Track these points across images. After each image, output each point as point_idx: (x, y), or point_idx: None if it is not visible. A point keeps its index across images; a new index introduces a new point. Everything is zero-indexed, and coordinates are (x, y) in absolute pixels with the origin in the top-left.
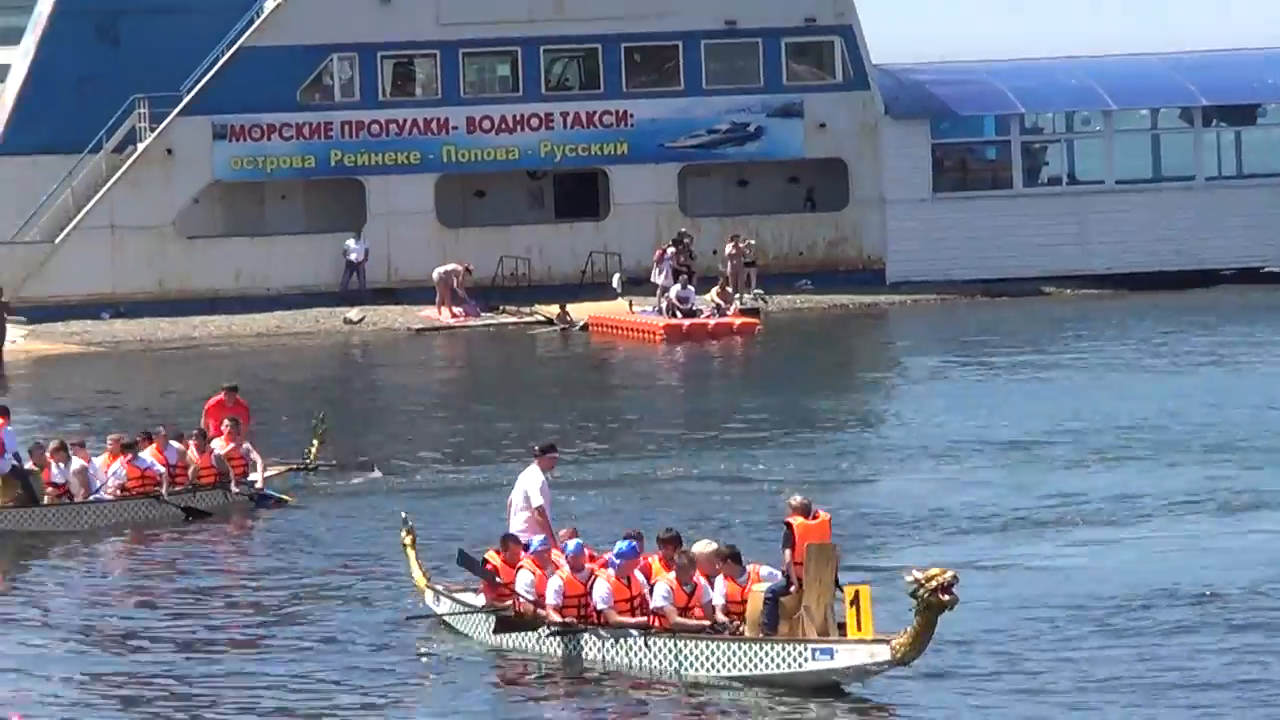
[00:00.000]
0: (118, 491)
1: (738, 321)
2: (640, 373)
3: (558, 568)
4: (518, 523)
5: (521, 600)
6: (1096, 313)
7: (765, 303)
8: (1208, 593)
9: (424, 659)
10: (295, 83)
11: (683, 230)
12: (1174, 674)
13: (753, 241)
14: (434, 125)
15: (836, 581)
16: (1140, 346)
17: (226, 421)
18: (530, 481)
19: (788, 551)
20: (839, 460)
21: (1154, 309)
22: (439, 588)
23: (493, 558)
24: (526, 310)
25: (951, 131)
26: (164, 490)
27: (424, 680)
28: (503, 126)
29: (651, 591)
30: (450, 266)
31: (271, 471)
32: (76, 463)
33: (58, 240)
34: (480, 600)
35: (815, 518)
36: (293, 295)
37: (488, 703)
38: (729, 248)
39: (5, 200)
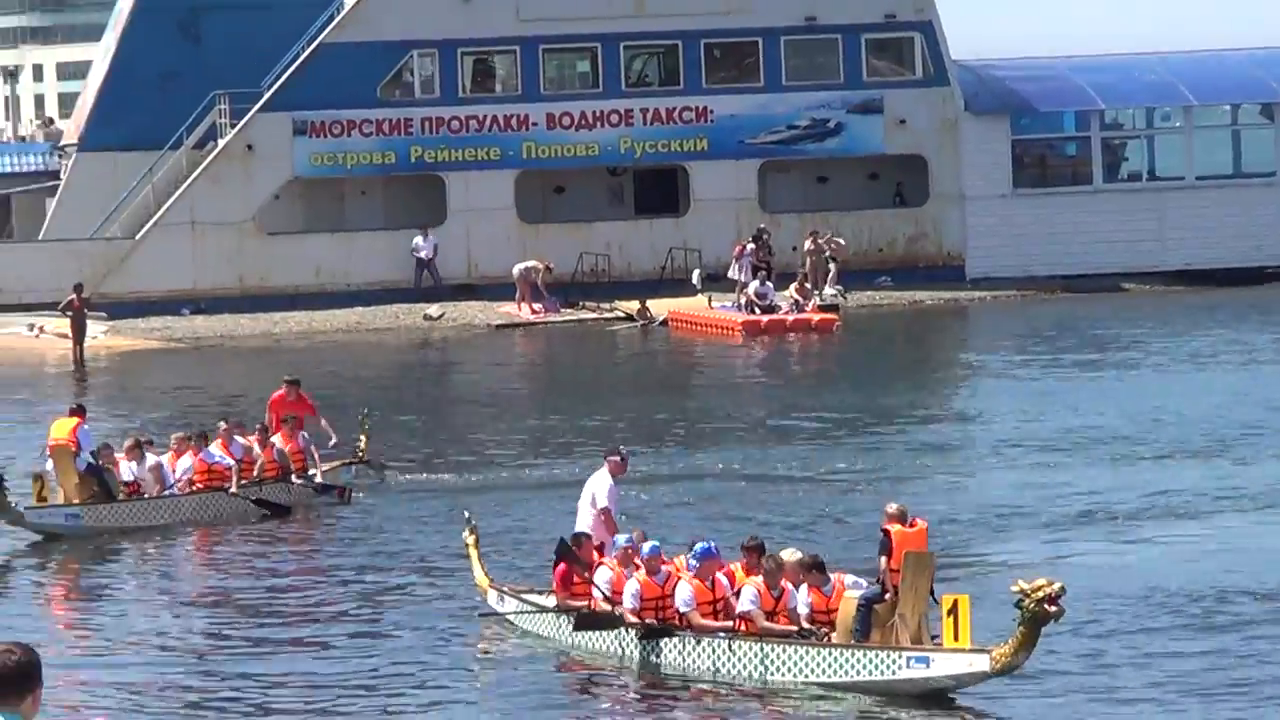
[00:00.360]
0: (187, 487)
1: (816, 318)
2: (719, 369)
3: (637, 569)
4: (583, 525)
5: (597, 599)
6: (1176, 309)
7: (844, 299)
8: None
9: (491, 658)
10: (375, 79)
11: (761, 226)
12: (1258, 670)
13: (841, 241)
14: (514, 121)
15: (932, 591)
16: (1219, 342)
17: (286, 420)
18: (599, 484)
19: (884, 559)
20: (917, 457)
21: (1233, 305)
22: (503, 588)
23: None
24: (606, 306)
25: (1031, 127)
26: (232, 484)
27: (491, 680)
28: (583, 123)
29: (737, 595)
30: (530, 263)
31: (325, 467)
32: (151, 459)
33: (138, 236)
34: (548, 600)
35: (913, 525)
36: (372, 291)
37: (560, 704)
38: (808, 243)
39: (86, 197)
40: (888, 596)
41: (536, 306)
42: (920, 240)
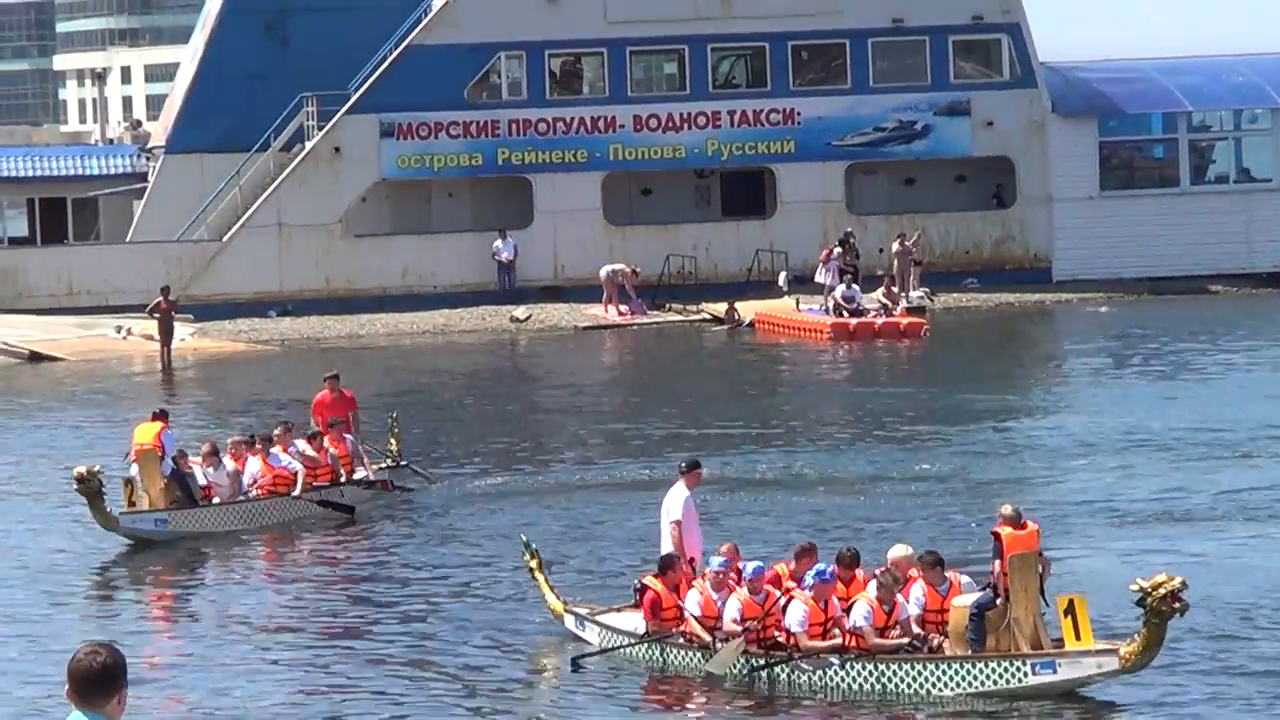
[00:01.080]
0: (259, 491)
1: (904, 321)
2: (807, 371)
3: (732, 590)
4: (666, 542)
5: (692, 625)
6: (1263, 311)
7: (931, 301)
8: None
9: (574, 676)
10: (463, 81)
11: (848, 230)
12: None
13: (919, 233)
14: (601, 124)
15: (1043, 591)
16: None
17: (333, 424)
18: (674, 500)
19: (997, 562)
20: (1006, 459)
21: None
22: (581, 611)
23: (652, 583)
24: (693, 308)
25: (1119, 129)
26: (297, 488)
27: (586, 702)
28: (669, 125)
29: (849, 612)
30: (618, 265)
31: (362, 473)
32: (229, 464)
33: (225, 238)
34: (630, 622)
35: (1024, 527)
36: (459, 293)
37: None
38: (895, 246)
39: (173, 199)
40: (999, 601)
41: (623, 308)
42: (1007, 242)
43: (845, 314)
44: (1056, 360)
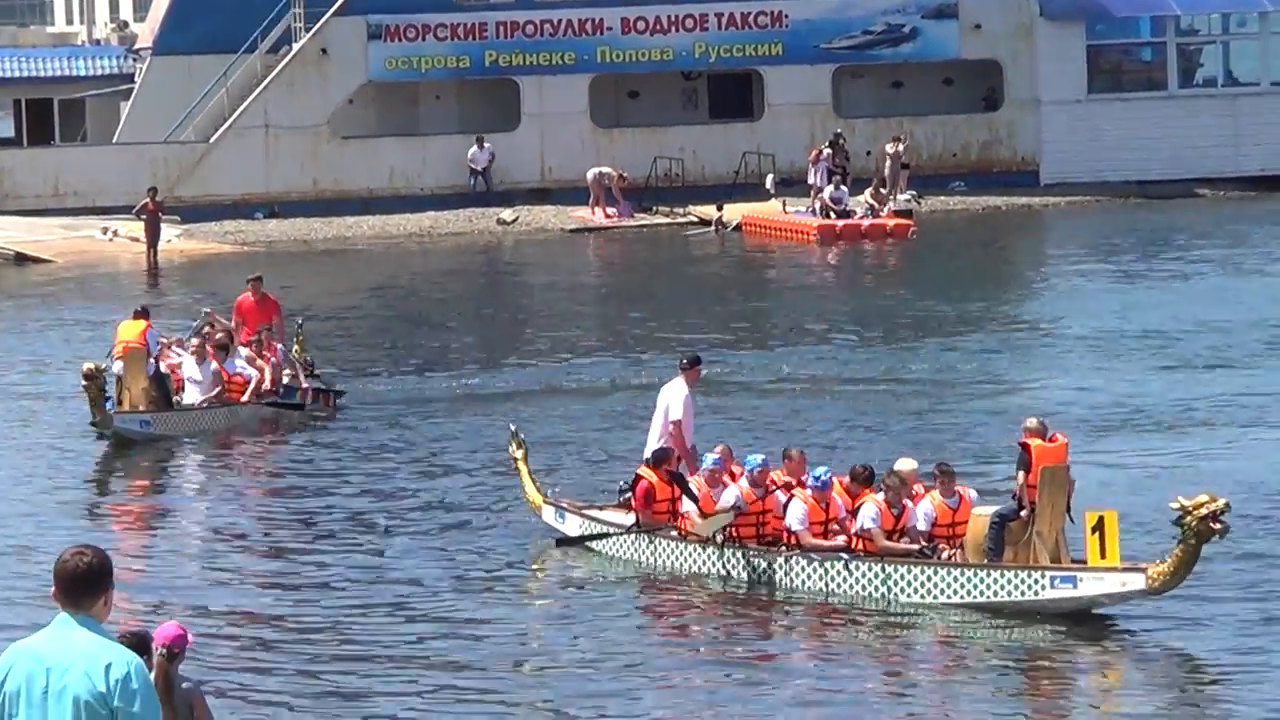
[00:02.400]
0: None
1: (891, 223)
2: (794, 274)
3: (726, 486)
4: (656, 437)
5: (692, 518)
6: (1250, 214)
7: (918, 204)
8: None
9: (565, 578)
10: None
11: (838, 131)
12: None
13: (905, 136)
14: (589, 26)
15: (1069, 508)
16: None
17: (260, 333)
18: (673, 395)
19: (1022, 474)
20: (992, 361)
21: None
22: (561, 503)
23: (646, 473)
24: (680, 211)
25: (1107, 33)
26: (247, 394)
27: (571, 604)
28: (657, 27)
29: (856, 514)
30: (604, 169)
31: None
32: (213, 365)
33: (212, 140)
34: (619, 517)
35: (1053, 440)
36: (446, 195)
37: (658, 630)
38: (889, 148)
39: (160, 100)
40: (1023, 514)
41: (610, 211)
42: (994, 146)
43: (832, 216)
44: (1043, 263)
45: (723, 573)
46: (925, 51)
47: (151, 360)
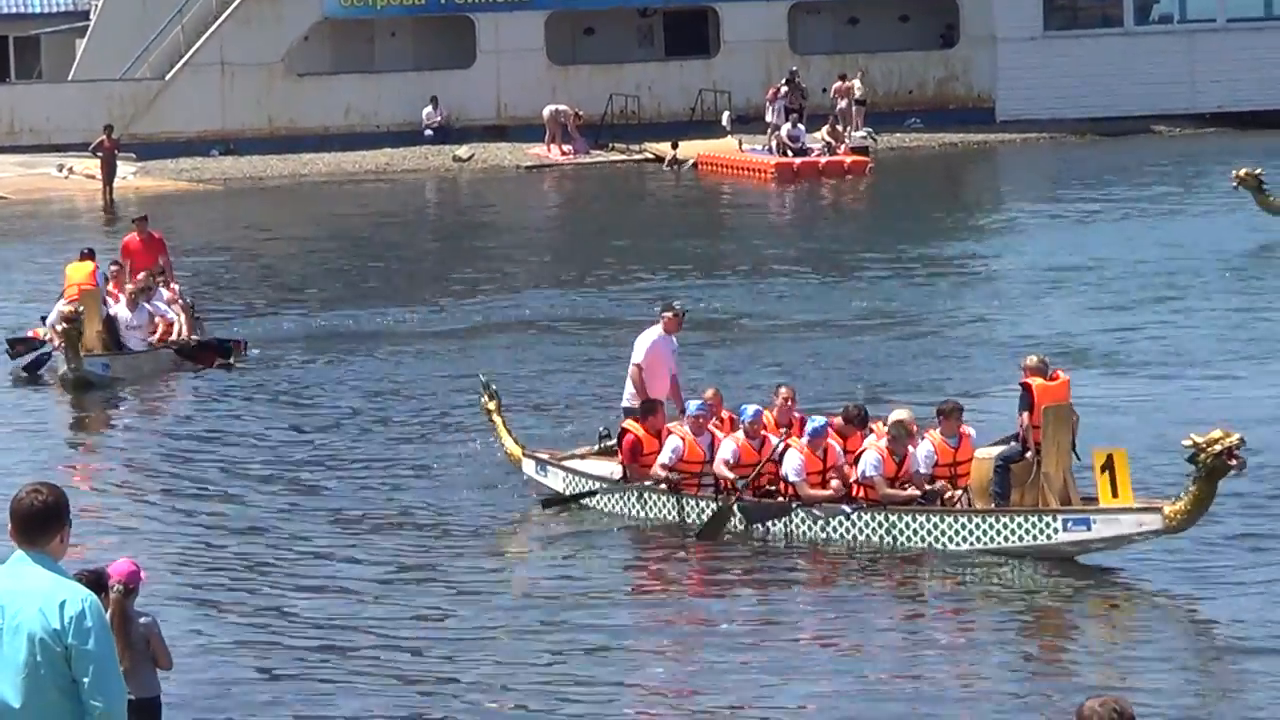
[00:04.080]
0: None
1: (848, 160)
2: (751, 211)
3: (715, 435)
4: (631, 388)
5: (665, 470)
6: (1206, 151)
7: (875, 142)
8: None
9: (547, 534)
10: None
11: (793, 69)
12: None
13: (860, 73)
14: None
15: (1074, 446)
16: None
17: (153, 275)
18: (644, 340)
19: (1025, 414)
20: (946, 299)
21: (1264, 148)
22: (541, 456)
23: (633, 426)
24: (636, 148)
25: None
26: (173, 336)
27: (551, 559)
28: None
29: (856, 461)
30: (561, 106)
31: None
32: (148, 308)
33: (168, 77)
34: (604, 468)
35: (1054, 378)
36: (402, 132)
37: (650, 585)
38: (837, 85)
39: (116, 37)
40: (1028, 455)
41: (566, 148)
42: (950, 83)
43: (789, 154)
44: (999, 200)
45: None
46: None
47: (104, 303)
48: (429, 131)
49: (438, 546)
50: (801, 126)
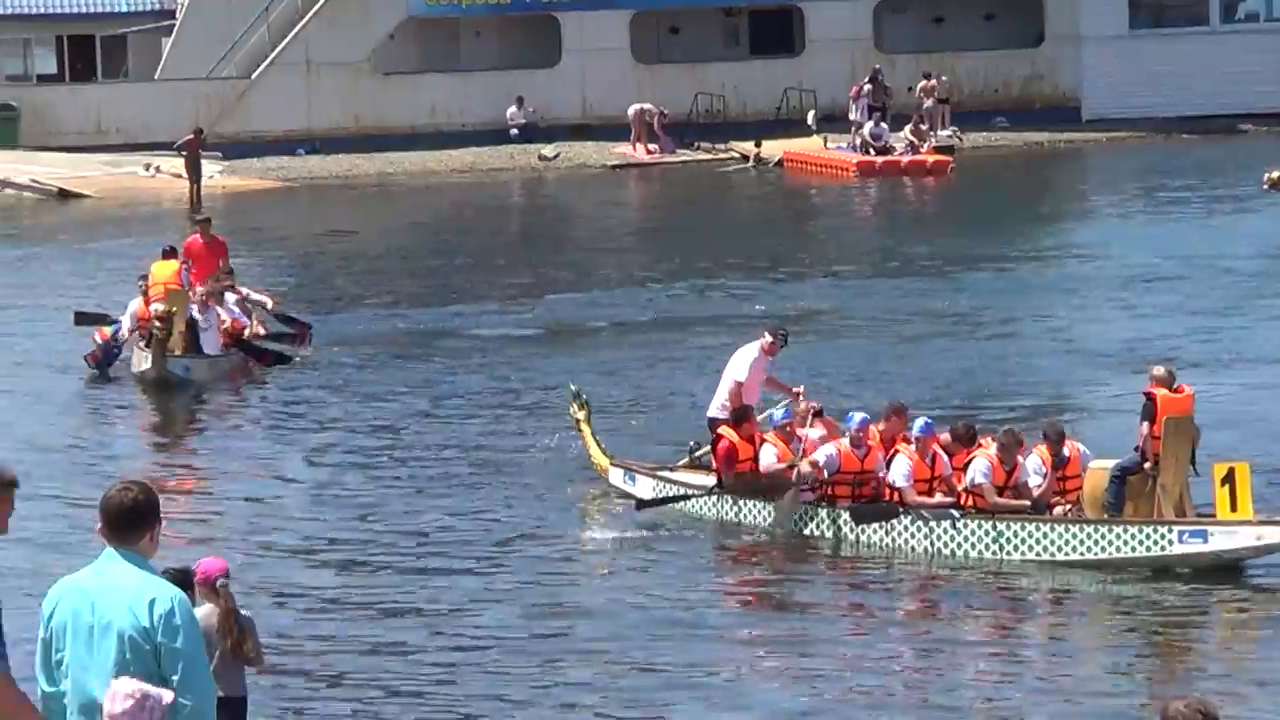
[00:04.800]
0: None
1: (931, 159)
2: (834, 210)
3: (806, 443)
4: (721, 399)
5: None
6: None
7: (960, 141)
8: None
9: (643, 538)
10: None
11: (877, 67)
12: None
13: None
14: None
15: (1194, 459)
16: None
17: (219, 277)
18: (743, 358)
19: (1146, 424)
20: (1029, 301)
21: None
22: (631, 465)
23: (728, 433)
24: (721, 147)
25: None
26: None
27: (652, 562)
28: None
29: (966, 468)
30: (646, 104)
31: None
32: (224, 313)
33: (254, 77)
34: (691, 478)
35: (1179, 391)
36: (487, 131)
37: (753, 593)
38: (922, 84)
39: (202, 36)
40: (1146, 466)
41: (651, 147)
42: (1036, 81)
43: (872, 152)
44: (1085, 200)
45: (817, 533)
46: None
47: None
48: (514, 131)
49: (530, 554)
50: (884, 125)
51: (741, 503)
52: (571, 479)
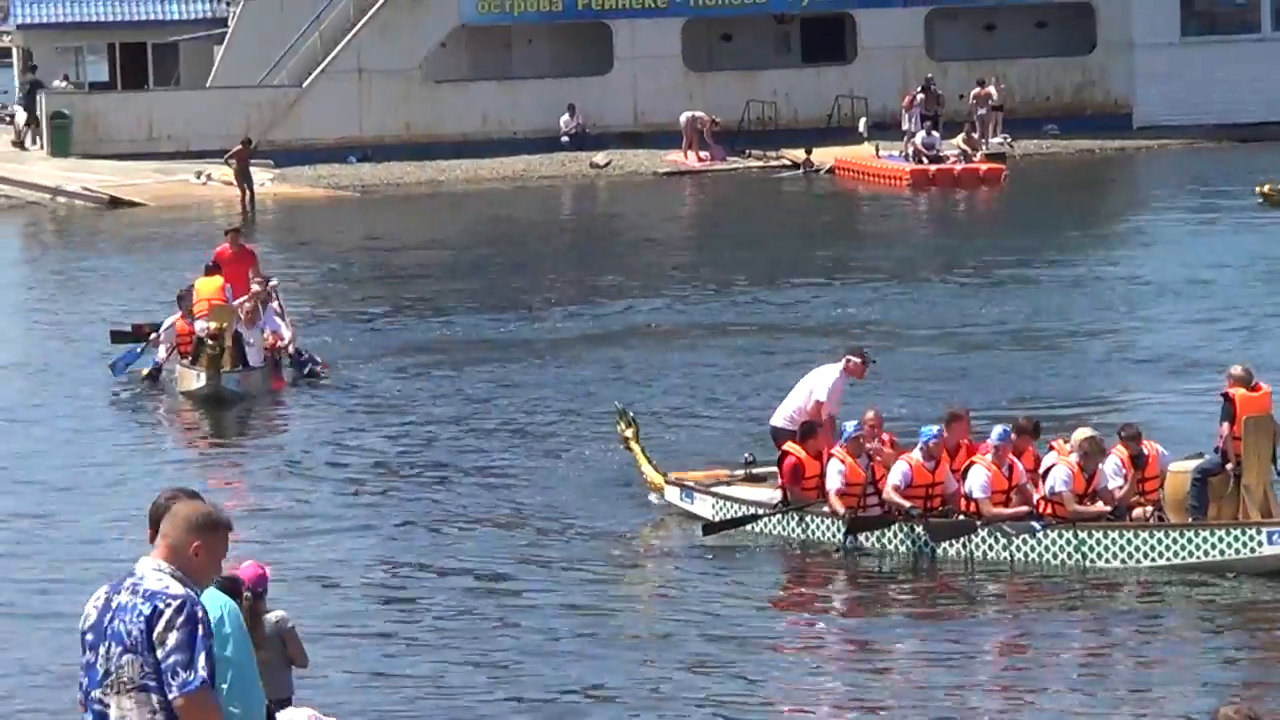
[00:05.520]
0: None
1: (984, 167)
2: (886, 218)
3: (875, 460)
4: (789, 411)
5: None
6: None
7: (1011, 148)
8: None
9: (695, 553)
10: None
11: (929, 76)
12: None
13: (996, 81)
14: None
15: (1275, 457)
16: None
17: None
18: (824, 378)
19: (1226, 425)
20: (1083, 308)
21: None
22: (688, 482)
23: (794, 449)
24: (772, 154)
25: None
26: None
27: (714, 577)
28: None
29: (1045, 477)
30: (697, 112)
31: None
32: (261, 325)
33: (305, 84)
34: (748, 492)
35: (1257, 389)
36: (539, 139)
37: (821, 611)
38: (975, 92)
39: (253, 44)
40: (1228, 467)
41: (703, 154)
42: (1088, 88)
43: (924, 160)
44: (1138, 207)
45: (889, 549)
46: None
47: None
48: (566, 138)
49: (587, 572)
50: (937, 134)
51: (808, 519)
52: (625, 494)
